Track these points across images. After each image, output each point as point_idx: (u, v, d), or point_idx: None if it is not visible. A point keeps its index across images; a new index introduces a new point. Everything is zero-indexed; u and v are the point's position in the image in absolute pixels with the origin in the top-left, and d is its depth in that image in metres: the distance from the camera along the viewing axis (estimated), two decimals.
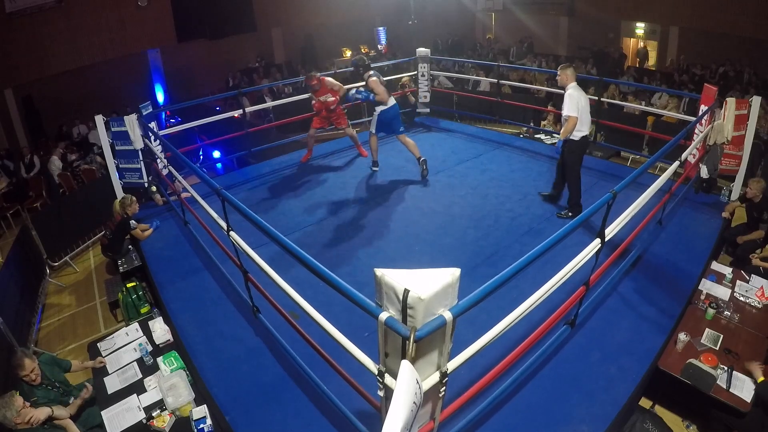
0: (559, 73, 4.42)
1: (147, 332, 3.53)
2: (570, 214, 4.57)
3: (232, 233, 3.08)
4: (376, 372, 1.85)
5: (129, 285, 4.16)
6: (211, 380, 3.01)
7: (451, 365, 1.89)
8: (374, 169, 5.83)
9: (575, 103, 4.15)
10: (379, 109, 5.29)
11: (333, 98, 5.69)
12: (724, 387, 2.76)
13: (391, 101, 5.33)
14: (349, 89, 5.65)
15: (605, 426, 2.56)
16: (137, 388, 3.10)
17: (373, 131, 5.45)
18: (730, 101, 4.52)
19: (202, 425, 2.70)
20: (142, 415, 2.89)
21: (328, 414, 2.69)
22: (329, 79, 5.74)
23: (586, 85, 8.92)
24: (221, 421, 2.76)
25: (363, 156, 6.28)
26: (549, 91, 8.64)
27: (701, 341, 3.09)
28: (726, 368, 2.84)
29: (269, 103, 7.64)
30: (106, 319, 4.62)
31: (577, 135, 4.29)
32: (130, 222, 4.61)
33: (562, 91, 4.38)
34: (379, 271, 1.70)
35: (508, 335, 2.20)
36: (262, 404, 2.83)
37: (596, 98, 6.53)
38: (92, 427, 2.96)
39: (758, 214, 4.25)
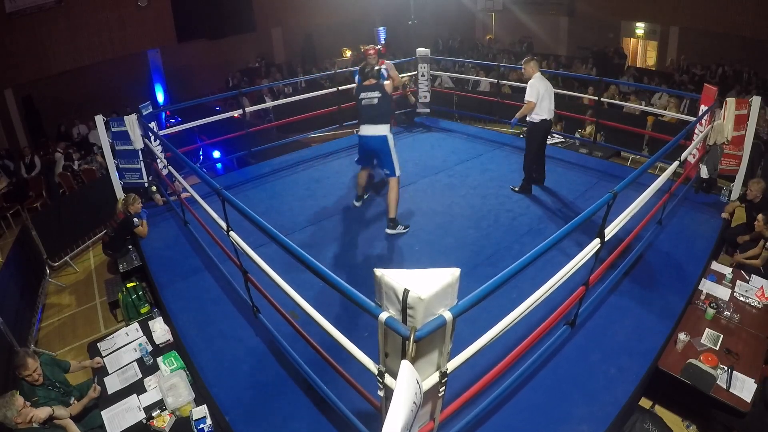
0: (523, 66, 4.87)
1: (147, 332, 3.53)
2: (517, 189, 5.11)
3: (232, 233, 3.08)
4: (376, 372, 1.85)
5: (129, 285, 4.15)
6: (211, 380, 3.01)
7: (451, 365, 1.89)
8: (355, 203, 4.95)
9: (535, 91, 4.64)
10: None
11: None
12: (724, 387, 2.76)
13: (369, 129, 4.26)
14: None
15: (605, 426, 2.56)
16: (137, 388, 3.10)
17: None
18: (730, 101, 4.52)
19: (202, 425, 2.70)
20: (142, 415, 2.88)
21: (328, 414, 2.69)
22: (390, 63, 5.17)
23: (585, 85, 9.02)
24: (221, 421, 2.75)
25: None
26: None
27: (701, 341, 3.09)
28: (726, 368, 2.84)
29: (269, 103, 7.65)
30: (106, 319, 4.62)
31: (535, 117, 4.77)
32: (134, 220, 4.62)
33: (562, 92, 4.46)
34: (379, 271, 1.70)
35: (508, 335, 2.20)
36: (262, 404, 2.83)
37: (596, 98, 6.54)
38: (93, 428, 2.96)
39: (749, 214, 4.25)
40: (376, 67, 4.37)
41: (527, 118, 4.83)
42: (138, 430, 2.81)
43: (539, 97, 4.65)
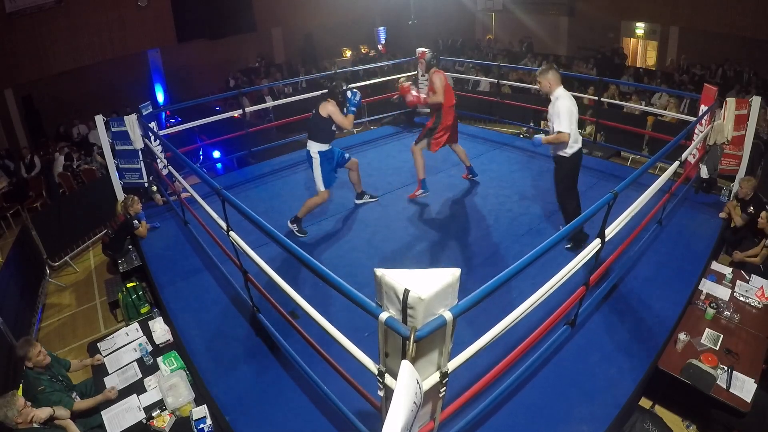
0: (539, 79, 3.74)
1: (147, 332, 3.53)
2: (571, 246, 3.92)
3: (232, 233, 3.08)
4: (376, 372, 1.85)
5: (129, 285, 4.15)
6: (211, 380, 3.02)
7: (451, 365, 1.89)
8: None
9: (570, 115, 3.58)
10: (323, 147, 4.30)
11: (418, 96, 4.93)
12: (724, 387, 2.76)
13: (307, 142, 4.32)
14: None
15: (605, 426, 2.57)
16: (137, 388, 3.10)
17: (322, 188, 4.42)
18: (730, 101, 4.52)
19: (202, 425, 2.70)
20: (142, 415, 2.88)
21: (328, 414, 2.69)
22: (441, 76, 4.71)
23: (586, 85, 9.02)
24: (221, 421, 2.76)
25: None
26: None
27: (701, 341, 3.09)
28: (726, 368, 2.84)
29: (269, 103, 7.64)
30: (106, 319, 4.62)
31: (569, 151, 3.73)
32: (134, 222, 4.62)
33: None
34: (379, 271, 1.70)
35: (508, 335, 2.20)
36: (262, 404, 2.83)
37: (596, 98, 6.54)
38: (92, 428, 2.96)
39: (743, 211, 4.27)
40: (344, 87, 4.28)
41: (556, 152, 3.83)
42: (138, 430, 2.81)
43: (574, 122, 3.61)
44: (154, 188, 5.44)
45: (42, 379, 2.88)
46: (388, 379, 1.80)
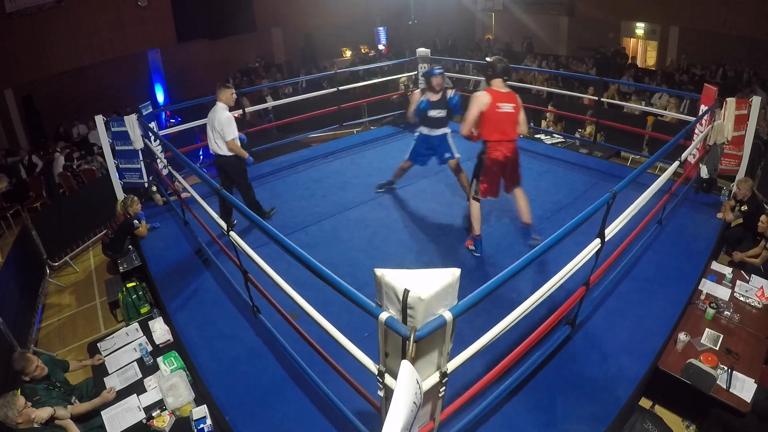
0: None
1: (147, 332, 3.53)
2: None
3: (232, 233, 3.08)
4: (376, 372, 1.85)
5: (129, 285, 4.15)
6: (211, 380, 3.01)
7: (451, 365, 1.89)
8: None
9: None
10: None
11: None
12: (724, 387, 2.76)
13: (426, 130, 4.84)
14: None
15: (605, 426, 2.56)
16: (137, 388, 3.10)
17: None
18: (730, 101, 4.52)
19: (202, 425, 2.70)
20: (142, 415, 2.88)
21: (328, 414, 2.69)
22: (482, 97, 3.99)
23: (586, 85, 9.02)
24: (221, 421, 2.76)
25: None
26: (549, 91, 8.67)
27: (701, 341, 3.09)
28: (726, 368, 2.84)
29: (269, 103, 7.64)
30: (106, 319, 4.62)
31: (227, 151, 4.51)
32: (134, 222, 4.62)
33: (562, 92, 4.36)
34: (379, 271, 1.70)
35: (508, 335, 2.20)
36: (262, 404, 2.83)
37: (596, 98, 6.54)
38: (93, 429, 2.96)
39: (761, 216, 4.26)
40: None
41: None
42: (138, 430, 2.81)
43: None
44: (154, 188, 5.43)
45: (38, 389, 2.87)
46: (388, 379, 1.80)
